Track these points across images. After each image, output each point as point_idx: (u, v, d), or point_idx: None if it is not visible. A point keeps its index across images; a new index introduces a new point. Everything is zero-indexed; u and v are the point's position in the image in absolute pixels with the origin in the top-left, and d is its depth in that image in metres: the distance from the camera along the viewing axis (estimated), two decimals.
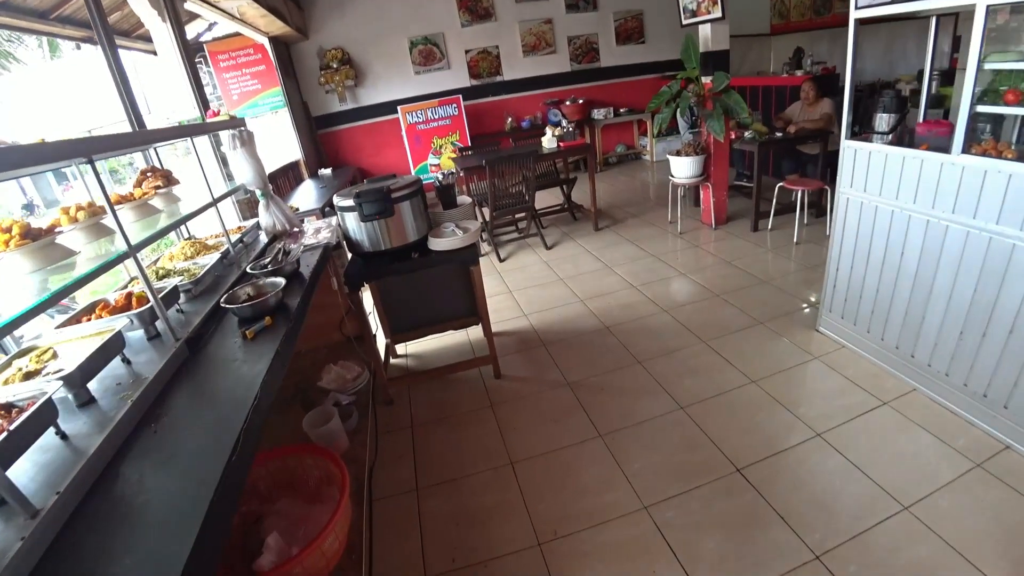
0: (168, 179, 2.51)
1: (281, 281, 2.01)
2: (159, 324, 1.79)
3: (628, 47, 7.82)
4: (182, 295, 2.11)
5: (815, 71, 5.74)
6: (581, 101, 7.54)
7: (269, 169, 5.83)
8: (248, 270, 2.21)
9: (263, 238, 2.89)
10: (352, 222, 2.66)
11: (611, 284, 4.03)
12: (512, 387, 3.00)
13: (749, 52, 7.65)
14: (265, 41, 5.97)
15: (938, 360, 2.28)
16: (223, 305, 1.86)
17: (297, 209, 4.39)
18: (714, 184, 4.71)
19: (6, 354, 1.60)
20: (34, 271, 1.51)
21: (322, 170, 6.63)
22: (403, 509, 2.31)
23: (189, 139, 2.38)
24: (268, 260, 2.29)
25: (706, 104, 4.55)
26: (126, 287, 2.21)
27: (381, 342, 3.53)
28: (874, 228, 2.49)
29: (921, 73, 5.38)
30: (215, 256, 2.37)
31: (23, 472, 1.10)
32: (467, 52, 7.30)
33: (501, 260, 4.95)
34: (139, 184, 2.43)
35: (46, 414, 1.14)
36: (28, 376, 1.47)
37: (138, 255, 1.64)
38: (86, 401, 1.43)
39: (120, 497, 1.07)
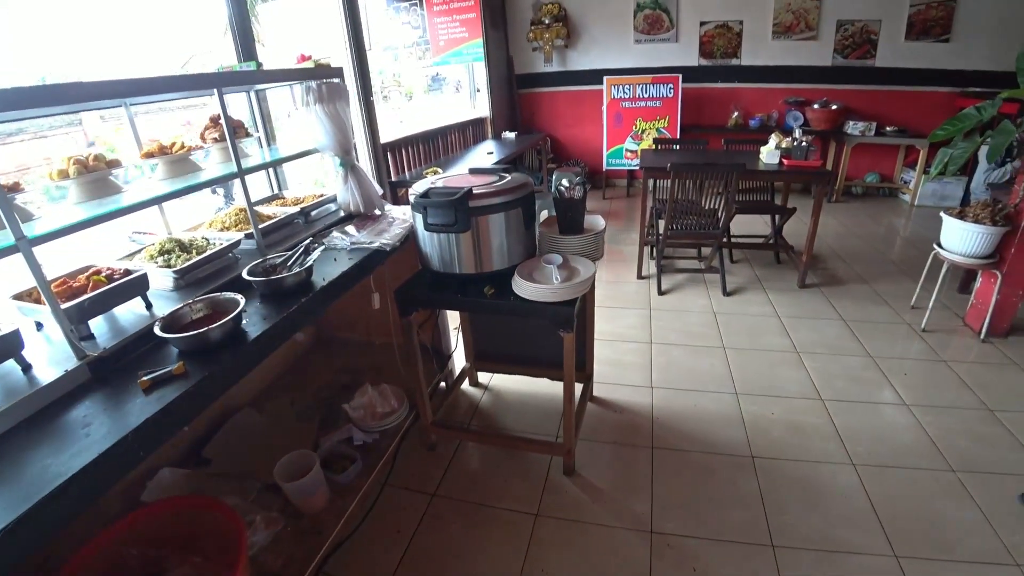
0: (239, 131, 2.10)
1: (239, 300, 1.45)
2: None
3: (921, 44, 5.69)
4: (170, 281, 1.68)
5: None
6: (835, 107, 5.83)
7: (450, 121, 5.47)
8: (244, 274, 1.68)
9: (341, 214, 2.40)
10: (420, 226, 1.98)
11: (789, 383, 2.81)
12: (577, 498, 2.14)
13: None
14: None
15: None
16: (155, 331, 1.36)
17: (439, 171, 3.91)
18: (1007, 274, 3.07)
19: None
20: None
21: (506, 133, 6.12)
22: None
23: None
24: (281, 259, 1.74)
25: None
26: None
27: (460, 358, 2.90)
28: None
29: None
30: (235, 237, 1.90)
31: None
32: (702, 24, 6.02)
33: (660, 292, 3.93)
34: (202, 135, 2.06)
35: None
36: None
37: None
38: None
39: None
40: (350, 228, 2.18)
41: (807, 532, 1.92)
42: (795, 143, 3.93)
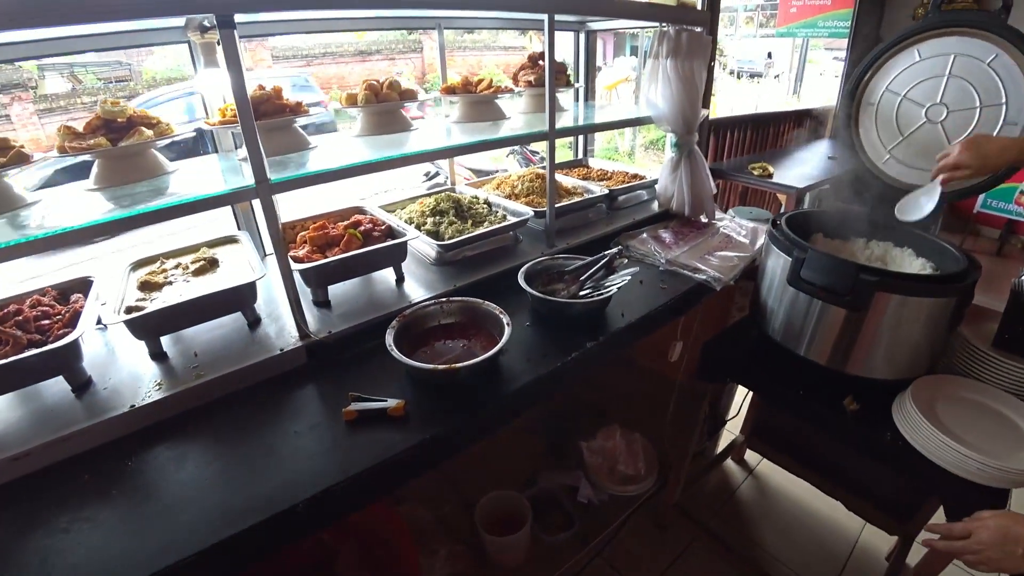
0: (559, 77, 1.69)
1: (504, 323, 1.07)
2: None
3: None
4: (433, 252, 1.37)
5: None
6: None
7: (778, 108, 4.38)
8: (520, 279, 1.26)
9: (655, 208, 1.86)
10: (774, 268, 1.33)
11: None
12: None
13: None
14: None
15: None
16: (387, 340, 1.03)
17: (768, 168, 3.09)
18: None
19: None
20: None
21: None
22: None
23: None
24: (571, 268, 1.29)
25: None
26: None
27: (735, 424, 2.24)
28: None
29: None
30: (523, 212, 1.51)
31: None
32: None
33: None
34: (516, 75, 1.70)
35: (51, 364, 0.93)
36: (145, 286, 1.15)
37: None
38: (156, 353, 1.08)
39: None
40: (666, 234, 1.63)
41: None
42: None
